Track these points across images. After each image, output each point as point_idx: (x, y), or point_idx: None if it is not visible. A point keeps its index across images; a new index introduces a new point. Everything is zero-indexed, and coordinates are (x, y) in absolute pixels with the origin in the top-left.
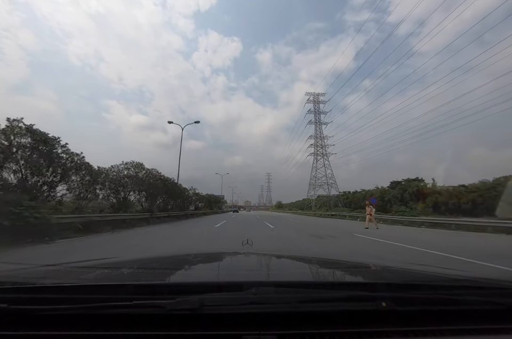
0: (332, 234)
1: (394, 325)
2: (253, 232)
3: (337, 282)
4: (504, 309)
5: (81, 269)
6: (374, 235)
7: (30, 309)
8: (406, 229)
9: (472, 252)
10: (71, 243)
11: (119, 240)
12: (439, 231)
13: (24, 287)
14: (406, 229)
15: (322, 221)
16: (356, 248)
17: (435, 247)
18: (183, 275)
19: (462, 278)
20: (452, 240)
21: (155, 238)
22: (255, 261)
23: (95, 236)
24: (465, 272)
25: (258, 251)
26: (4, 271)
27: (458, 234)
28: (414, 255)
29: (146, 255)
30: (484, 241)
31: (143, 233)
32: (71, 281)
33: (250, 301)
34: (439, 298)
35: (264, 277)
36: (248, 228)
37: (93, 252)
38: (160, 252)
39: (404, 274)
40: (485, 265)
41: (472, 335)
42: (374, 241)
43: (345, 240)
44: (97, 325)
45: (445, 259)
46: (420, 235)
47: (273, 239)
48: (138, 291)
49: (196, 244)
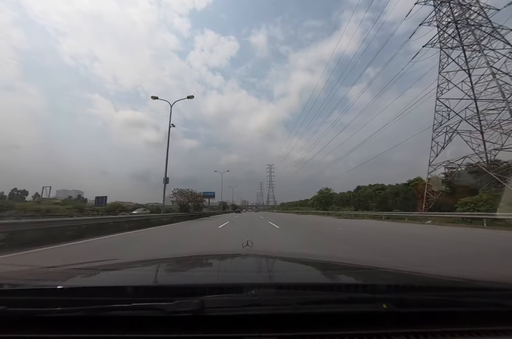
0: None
1: (395, 327)
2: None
3: (338, 284)
4: (506, 311)
5: (80, 271)
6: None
7: (29, 312)
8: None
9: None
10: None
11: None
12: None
13: (22, 289)
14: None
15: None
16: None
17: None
18: (183, 276)
19: (463, 280)
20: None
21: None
22: (256, 262)
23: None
24: (466, 273)
25: (258, 253)
26: (3, 273)
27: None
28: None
29: (146, 257)
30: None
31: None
32: (70, 283)
33: (250, 303)
34: (440, 300)
35: (265, 279)
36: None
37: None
38: (163, 253)
39: (405, 275)
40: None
41: (473, 336)
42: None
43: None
44: (96, 328)
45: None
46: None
47: None
48: (137, 293)
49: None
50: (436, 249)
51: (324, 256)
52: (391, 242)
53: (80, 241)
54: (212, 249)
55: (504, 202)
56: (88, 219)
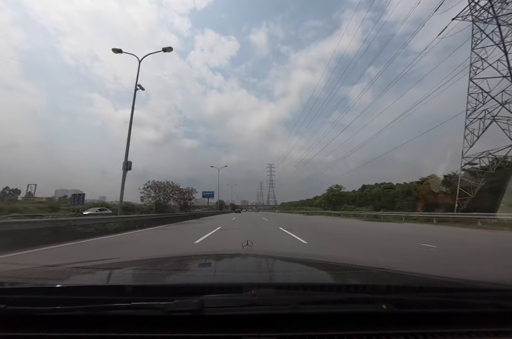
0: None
1: (394, 328)
2: None
3: (338, 284)
4: (506, 312)
5: (80, 270)
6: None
7: (29, 310)
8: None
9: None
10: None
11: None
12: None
13: (22, 288)
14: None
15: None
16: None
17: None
18: (183, 276)
19: (462, 280)
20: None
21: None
22: (255, 262)
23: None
24: (466, 274)
25: (258, 253)
26: (3, 272)
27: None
28: None
29: (145, 256)
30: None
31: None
32: (69, 282)
33: (250, 303)
34: (440, 301)
35: (264, 279)
36: None
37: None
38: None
39: (404, 276)
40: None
41: (473, 337)
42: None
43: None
44: (95, 327)
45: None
46: None
47: None
48: (137, 293)
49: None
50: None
51: (323, 256)
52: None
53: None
54: (212, 249)
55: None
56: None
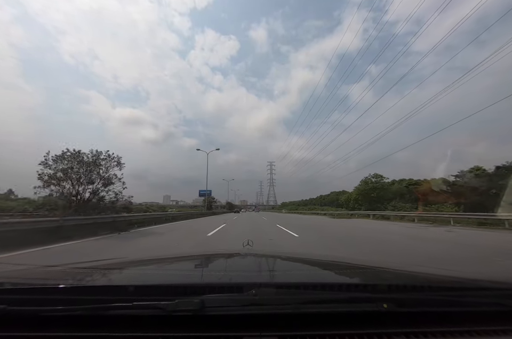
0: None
1: (395, 327)
2: None
3: (338, 284)
4: (506, 310)
5: (82, 270)
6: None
7: (30, 310)
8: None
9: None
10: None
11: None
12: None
13: (24, 288)
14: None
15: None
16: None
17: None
18: (184, 276)
19: (463, 279)
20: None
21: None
22: (256, 262)
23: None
24: (467, 273)
25: (259, 252)
26: (4, 272)
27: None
28: None
29: (146, 256)
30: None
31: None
32: (71, 282)
33: (251, 303)
34: (440, 300)
35: (265, 278)
36: None
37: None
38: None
39: (405, 275)
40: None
41: (473, 336)
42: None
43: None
44: (97, 327)
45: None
46: None
47: None
48: (138, 292)
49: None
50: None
51: (324, 256)
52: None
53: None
54: (212, 249)
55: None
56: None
